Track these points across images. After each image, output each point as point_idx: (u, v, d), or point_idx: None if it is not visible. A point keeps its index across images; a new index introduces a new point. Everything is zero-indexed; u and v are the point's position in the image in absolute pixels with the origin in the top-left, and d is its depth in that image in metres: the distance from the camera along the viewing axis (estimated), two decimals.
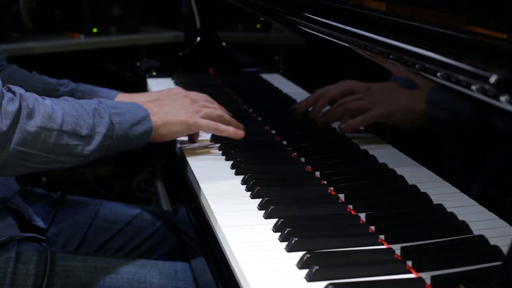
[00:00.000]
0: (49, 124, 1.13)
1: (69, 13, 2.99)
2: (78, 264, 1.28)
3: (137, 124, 1.26)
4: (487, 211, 0.94)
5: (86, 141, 1.17)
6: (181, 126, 1.33)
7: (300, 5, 1.43)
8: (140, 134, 1.26)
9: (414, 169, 1.12)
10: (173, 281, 1.30)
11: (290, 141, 1.43)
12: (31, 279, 1.22)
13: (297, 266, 0.92)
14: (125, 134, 1.23)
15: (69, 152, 1.16)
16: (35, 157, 1.12)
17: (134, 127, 1.25)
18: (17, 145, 1.09)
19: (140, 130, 1.26)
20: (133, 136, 1.25)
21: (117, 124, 1.22)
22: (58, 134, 1.14)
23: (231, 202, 1.15)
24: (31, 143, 1.11)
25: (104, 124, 1.20)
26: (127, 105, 1.29)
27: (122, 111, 1.25)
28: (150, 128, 1.28)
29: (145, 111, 1.28)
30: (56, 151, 1.14)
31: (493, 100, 0.79)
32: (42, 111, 1.13)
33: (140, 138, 1.27)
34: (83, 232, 1.56)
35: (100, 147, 1.19)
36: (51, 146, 1.13)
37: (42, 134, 1.12)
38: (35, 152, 1.12)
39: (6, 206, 1.33)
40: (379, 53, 1.10)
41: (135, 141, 1.26)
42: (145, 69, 2.12)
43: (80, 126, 1.17)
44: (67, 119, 1.15)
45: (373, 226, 1.03)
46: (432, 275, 0.88)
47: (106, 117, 1.21)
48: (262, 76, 1.85)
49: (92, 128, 1.18)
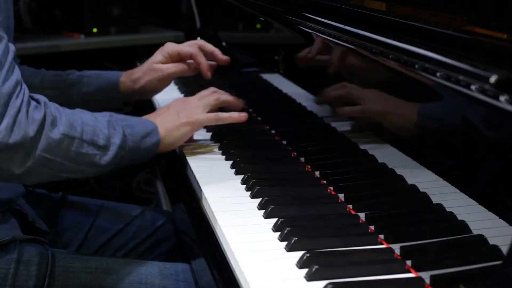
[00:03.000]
0: (71, 132, 1.15)
1: (69, 13, 2.99)
2: (79, 265, 1.28)
3: (147, 136, 1.28)
4: (487, 210, 0.94)
5: (103, 151, 1.20)
6: (185, 128, 1.35)
7: (300, 5, 1.43)
8: (149, 146, 1.29)
9: (414, 169, 1.12)
10: (174, 282, 1.30)
11: (290, 141, 1.43)
12: (32, 280, 1.22)
13: (297, 266, 0.92)
14: (136, 146, 1.26)
15: (88, 161, 1.18)
16: (58, 165, 1.15)
17: (144, 139, 1.28)
18: (43, 151, 1.11)
19: (149, 142, 1.28)
20: (143, 148, 1.27)
21: (129, 135, 1.25)
22: (79, 143, 1.16)
23: (231, 202, 1.15)
24: (56, 150, 1.13)
25: (118, 136, 1.22)
26: (134, 118, 1.31)
27: (132, 124, 1.27)
28: (158, 140, 1.30)
29: (152, 124, 1.31)
30: (78, 160, 1.17)
31: (493, 100, 0.79)
32: (64, 119, 1.15)
33: (149, 150, 1.29)
34: (84, 232, 1.56)
35: (115, 158, 1.22)
36: (72, 154, 1.16)
37: (65, 142, 1.14)
38: (58, 160, 1.14)
39: (10, 207, 1.33)
40: (379, 53, 1.10)
41: (144, 153, 1.29)
42: None
43: (97, 136, 1.19)
44: (86, 128, 1.18)
45: (372, 226, 1.03)
46: (431, 275, 0.88)
47: (119, 129, 1.24)
48: (262, 76, 1.85)
49: (108, 138, 1.21)
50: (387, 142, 1.23)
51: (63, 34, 2.95)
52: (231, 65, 1.71)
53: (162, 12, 3.28)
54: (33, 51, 2.73)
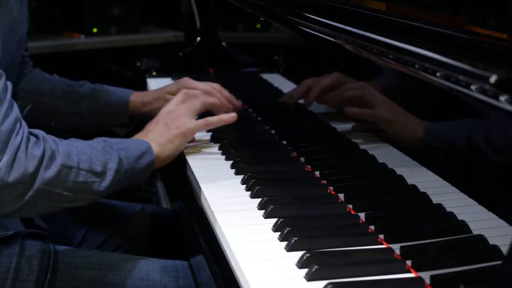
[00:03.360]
0: (68, 162, 1.16)
1: (69, 13, 2.99)
2: (81, 260, 1.29)
3: (141, 157, 1.28)
4: (487, 210, 0.94)
5: (101, 178, 1.20)
6: (177, 140, 1.35)
7: (300, 5, 1.43)
8: (145, 166, 1.28)
9: (414, 169, 1.12)
10: (174, 278, 1.31)
11: (289, 141, 1.43)
12: (34, 275, 1.23)
13: (297, 266, 0.92)
14: (131, 168, 1.26)
15: (87, 189, 1.19)
16: (57, 195, 1.15)
17: (139, 160, 1.27)
18: (41, 184, 1.12)
19: (144, 162, 1.28)
20: (139, 169, 1.27)
21: (124, 158, 1.25)
22: (77, 172, 1.17)
23: (231, 202, 1.15)
24: (54, 182, 1.14)
25: (114, 160, 1.23)
26: (128, 140, 1.32)
27: (126, 146, 1.27)
28: (153, 160, 1.30)
29: (146, 143, 1.31)
30: (76, 189, 1.17)
31: (493, 100, 0.79)
32: (61, 150, 1.16)
33: (144, 170, 1.29)
34: (84, 231, 1.57)
35: (112, 183, 1.22)
36: (70, 184, 1.16)
37: (63, 172, 1.15)
38: (57, 191, 1.14)
39: None
40: (379, 53, 1.10)
41: (140, 174, 1.29)
42: (145, 69, 2.12)
43: (94, 163, 1.19)
44: (82, 157, 1.18)
45: (372, 226, 1.03)
46: (431, 275, 0.88)
47: (115, 153, 1.24)
48: (262, 76, 1.85)
49: (105, 164, 1.21)
50: (387, 142, 1.23)
51: (63, 34, 2.95)
52: (231, 65, 1.71)
53: (162, 12, 3.28)
54: (33, 51, 2.70)
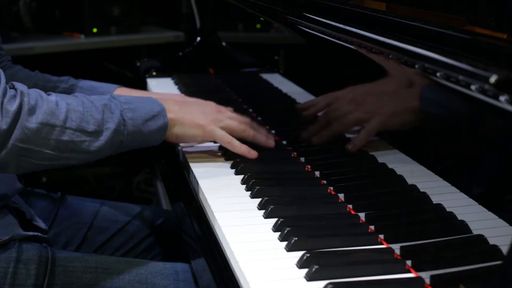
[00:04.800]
0: (51, 120, 1.12)
1: (69, 13, 2.99)
2: (79, 264, 1.28)
3: (151, 119, 1.22)
4: (487, 210, 0.94)
5: (93, 137, 1.16)
6: (197, 130, 1.29)
7: (300, 5, 1.43)
8: (154, 130, 1.23)
9: (414, 168, 1.12)
10: (174, 281, 1.30)
11: (290, 141, 1.43)
12: (32, 279, 1.22)
13: (297, 266, 0.92)
14: (138, 130, 1.20)
15: (74, 148, 1.15)
16: (37, 153, 1.12)
17: (148, 122, 1.22)
18: (17, 141, 1.09)
19: (154, 126, 1.23)
20: (147, 132, 1.22)
21: (129, 120, 1.19)
22: (61, 130, 1.12)
23: (231, 202, 1.15)
24: (32, 139, 1.10)
25: (114, 120, 1.18)
26: (142, 100, 1.25)
27: (135, 106, 1.22)
28: (165, 124, 1.24)
29: (160, 106, 1.25)
30: (60, 147, 1.13)
31: (493, 100, 0.79)
32: (45, 107, 1.12)
33: (154, 134, 1.23)
34: (84, 232, 1.57)
35: (111, 143, 1.18)
36: (53, 142, 1.12)
37: (43, 130, 1.11)
38: (36, 149, 1.11)
39: (6, 204, 1.34)
40: (379, 53, 1.10)
41: (149, 137, 1.23)
42: (145, 69, 2.12)
43: (86, 122, 1.15)
44: (72, 115, 1.14)
45: (372, 226, 1.03)
46: (431, 275, 0.88)
47: (117, 112, 1.19)
48: (262, 76, 1.85)
49: (101, 123, 1.16)
50: (387, 142, 1.23)
51: (63, 34, 2.95)
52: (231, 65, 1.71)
53: (162, 12, 3.28)
54: (33, 51, 2.73)
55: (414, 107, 1.09)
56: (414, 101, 1.08)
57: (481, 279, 0.86)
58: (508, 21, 0.88)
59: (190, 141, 1.35)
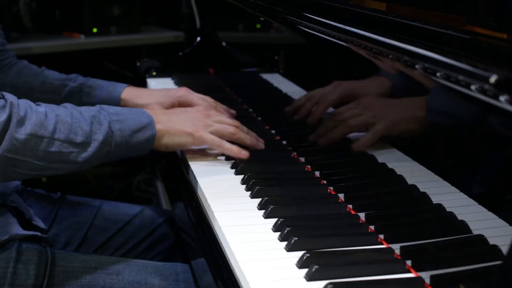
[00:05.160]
0: (39, 131, 1.13)
1: (69, 13, 2.99)
2: (78, 265, 1.28)
3: (140, 131, 1.25)
4: (487, 210, 0.94)
5: (81, 148, 1.18)
6: (186, 138, 1.31)
7: (300, 5, 1.43)
8: (142, 141, 1.25)
9: (414, 168, 1.12)
10: (173, 282, 1.30)
11: (290, 141, 1.43)
12: (31, 280, 1.22)
13: (297, 266, 0.92)
14: (125, 141, 1.23)
15: (61, 159, 1.16)
16: (24, 163, 1.13)
17: (136, 134, 1.25)
18: (5, 151, 1.10)
19: (142, 137, 1.25)
20: (134, 143, 1.24)
21: (117, 131, 1.22)
22: (49, 142, 1.14)
23: (231, 202, 1.15)
24: (20, 150, 1.12)
25: (102, 132, 1.20)
26: (131, 111, 1.28)
27: (124, 118, 1.24)
28: (153, 135, 1.27)
29: (148, 117, 1.28)
30: (48, 158, 1.15)
31: (493, 100, 0.79)
32: (34, 118, 1.13)
33: (142, 145, 1.26)
34: (84, 232, 1.56)
35: (98, 154, 1.20)
36: (41, 153, 1.14)
37: (32, 141, 1.12)
38: (24, 159, 1.12)
39: (5, 203, 1.33)
40: (379, 53, 1.10)
41: (137, 148, 1.26)
42: (145, 69, 2.12)
43: (75, 133, 1.17)
44: (60, 127, 1.16)
45: (372, 226, 1.03)
46: (431, 275, 0.88)
47: (106, 124, 1.21)
48: (262, 76, 1.85)
49: (89, 135, 1.18)
50: (387, 142, 1.23)
51: (63, 34, 2.95)
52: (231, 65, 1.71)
53: (163, 12, 3.28)
54: (33, 51, 2.73)
55: (415, 113, 1.09)
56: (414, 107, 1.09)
57: (481, 279, 0.86)
58: (508, 21, 0.88)
59: (182, 149, 1.36)
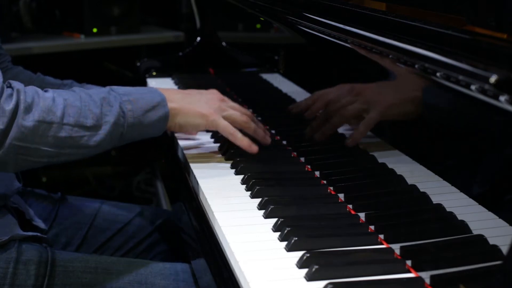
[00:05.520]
0: (48, 117, 1.11)
1: (69, 13, 2.99)
2: (79, 264, 1.28)
3: (151, 110, 1.22)
4: (487, 210, 0.94)
5: (92, 132, 1.15)
6: (200, 119, 1.29)
7: (300, 5, 1.43)
8: (155, 120, 1.22)
9: (414, 168, 1.12)
10: (174, 282, 1.30)
11: (290, 141, 1.43)
12: (32, 280, 1.22)
13: (297, 266, 0.92)
14: (138, 122, 1.20)
15: (73, 144, 1.14)
16: (35, 151, 1.11)
17: (148, 113, 1.21)
18: (14, 140, 1.08)
19: (155, 116, 1.22)
20: (147, 123, 1.21)
21: (128, 111, 1.19)
22: (58, 127, 1.12)
23: (231, 202, 1.15)
24: (30, 137, 1.10)
25: (113, 113, 1.17)
26: (141, 90, 1.25)
27: (135, 98, 1.21)
28: (166, 114, 1.24)
29: (160, 96, 1.24)
30: (58, 144, 1.13)
31: (493, 100, 0.79)
32: (41, 104, 1.11)
33: (155, 125, 1.23)
34: (84, 232, 1.57)
35: (110, 137, 1.17)
36: (51, 139, 1.12)
37: (40, 128, 1.10)
38: (34, 146, 1.11)
39: (6, 204, 1.34)
40: (379, 53, 1.10)
41: (150, 128, 1.23)
42: (145, 69, 2.12)
43: (85, 117, 1.15)
44: (69, 111, 1.13)
45: (372, 226, 1.03)
46: (431, 275, 0.88)
47: (116, 105, 1.18)
48: (262, 76, 1.85)
49: (99, 117, 1.16)
50: (387, 142, 1.23)
51: (63, 34, 2.95)
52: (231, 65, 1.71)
53: (163, 12, 3.28)
54: (33, 51, 2.73)
55: (409, 95, 1.08)
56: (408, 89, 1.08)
57: (481, 279, 0.86)
58: (508, 21, 0.88)
59: (193, 131, 1.35)
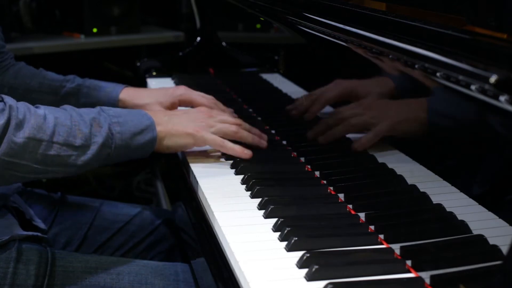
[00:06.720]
0: (38, 134, 1.12)
1: (69, 13, 2.99)
2: (78, 264, 1.28)
3: (140, 133, 1.24)
4: (487, 210, 0.94)
5: (80, 151, 1.17)
6: (187, 139, 1.30)
7: (300, 5, 1.43)
8: (142, 144, 1.24)
9: (414, 168, 1.12)
10: (174, 282, 1.30)
11: (290, 141, 1.43)
12: (32, 280, 1.22)
13: (297, 266, 0.92)
14: (125, 144, 1.22)
15: (60, 162, 1.15)
16: (23, 167, 1.12)
17: (136, 136, 1.23)
18: (4, 155, 1.09)
19: (142, 140, 1.24)
20: (135, 146, 1.23)
21: (117, 134, 1.21)
22: (47, 145, 1.13)
23: (231, 202, 1.15)
24: (19, 153, 1.11)
25: (102, 134, 1.19)
26: (131, 113, 1.27)
27: (124, 120, 1.23)
28: (154, 138, 1.26)
29: (149, 119, 1.26)
30: (47, 161, 1.14)
31: (493, 100, 0.79)
32: (33, 121, 1.12)
33: (143, 148, 1.25)
34: (84, 232, 1.57)
35: (98, 157, 1.19)
36: (39, 156, 1.13)
37: (30, 145, 1.11)
38: (23, 162, 1.12)
39: (6, 204, 1.34)
40: (379, 53, 1.10)
41: (137, 151, 1.25)
42: (145, 69, 2.12)
43: (74, 136, 1.16)
44: (59, 130, 1.15)
45: (372, 226, 1.03)
46: (431, 275, 0.88)
47: (105, 126, 1.20)
48: (262, 76, 1.86)
49: (88, 138, 1.17)
50: (387, 142, 1.23)
51: (63, 34, 2.95)
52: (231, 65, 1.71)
53: (163, 12, 3.28)
54: (33, 51, 2.73)
55: (416, 114, 1.09)
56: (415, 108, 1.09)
57: (481, 279, 0.86)
58: (508, 21, 0.88)
59: (184, 150, 1.36)
